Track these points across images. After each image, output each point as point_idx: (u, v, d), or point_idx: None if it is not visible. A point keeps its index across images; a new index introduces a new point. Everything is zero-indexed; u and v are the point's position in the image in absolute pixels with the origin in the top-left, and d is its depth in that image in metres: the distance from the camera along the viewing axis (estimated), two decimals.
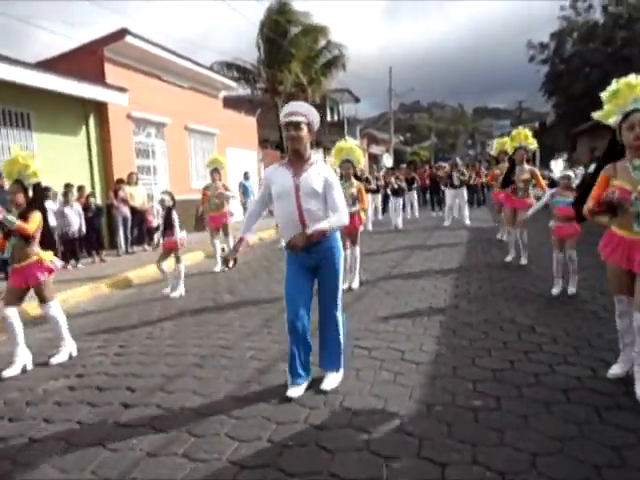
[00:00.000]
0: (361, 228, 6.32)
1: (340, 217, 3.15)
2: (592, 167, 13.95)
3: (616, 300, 3.17)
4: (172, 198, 6.68)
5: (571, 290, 5.33)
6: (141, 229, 10.75)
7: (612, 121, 3.01)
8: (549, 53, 27.07)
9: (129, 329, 4.99)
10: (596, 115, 3.17)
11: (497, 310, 4.90)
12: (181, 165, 13.73)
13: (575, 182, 5.57)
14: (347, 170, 5.98)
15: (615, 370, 3.21)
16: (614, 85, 3.04)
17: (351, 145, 6.06)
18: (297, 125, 3.06)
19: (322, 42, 20.93)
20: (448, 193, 12.78)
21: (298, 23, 20.09)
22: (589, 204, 3.01)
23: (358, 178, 6.26)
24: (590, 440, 2.52)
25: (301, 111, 3.11)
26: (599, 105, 3.18)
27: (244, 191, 14.45)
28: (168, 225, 6.53)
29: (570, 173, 5.48)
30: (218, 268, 7.96)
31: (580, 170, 15.39)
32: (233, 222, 8.92)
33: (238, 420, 2.90)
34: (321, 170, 3.18)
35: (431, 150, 53.63)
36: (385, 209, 16.04)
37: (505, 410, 2.87)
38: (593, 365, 3.45)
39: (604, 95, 3.07)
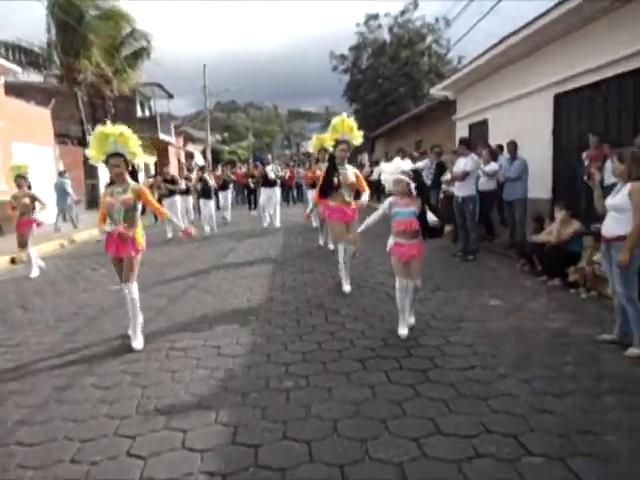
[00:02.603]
0: (139, 257, 4.15)
1: None
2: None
3: None
4: None
5: (410, 321, 4.16)
6: None
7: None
8: (349, 64, 29.97)
9: None
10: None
11: (307, 298, 5.31)
12: None
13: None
14: (117, 169, 3.99)
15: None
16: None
17: (121, 130, 3.98)
18: None
19: (126, 30, 19.44)
20: (262, 192, 12.30)
21: (95, 6, 18.28)
22: None
23: (133, 177, 4.23)
24: (380, 399, 2.95)
25: None
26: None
27: (60, 191, 13.17)
28: None
29: (400, 177, 3.94)
30: (33, 274, 7.36)
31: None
32: (40, 231, 7.93)
33: (32, 447, 2.58)
34: None
35: (249, 150, 54.57)
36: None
37: (313, 386, 3.16)
38: (384, 336, 4.02)
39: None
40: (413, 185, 3.95)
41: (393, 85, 27.18)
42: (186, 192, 12.10)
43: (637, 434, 2.51)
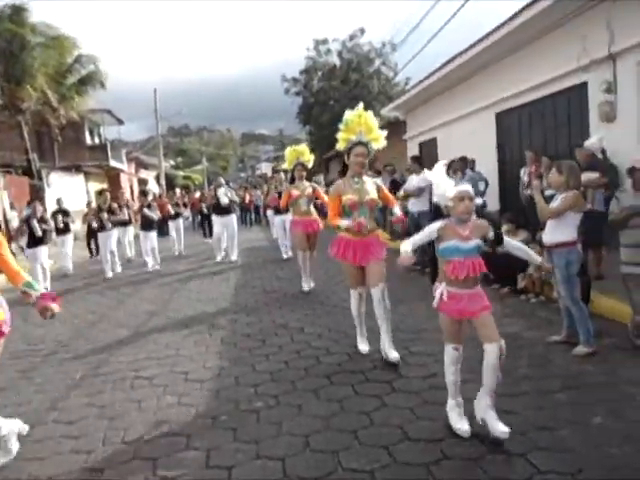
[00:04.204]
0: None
1: None
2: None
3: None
4: None
5: (501, 431, 2.54)
6: None
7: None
8: (300, 87, 30.58)
9: None
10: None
11: (272, 318, 5.34)
12: None
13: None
14: None
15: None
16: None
17: None
18: None
19: (72, 56, 19.07)
20: (216, 221, 10.14)
21: (39, 33, 17.86)
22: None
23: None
24: (349, 412, 3.03)
25: None
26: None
27: None
28: None
29: (467, 188, 2.67)
30: None
31: None
32: None
33: None
34: None
35: (204, 174, 54.12)
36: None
37: (283, 404, 3.20)
38: (349, 351, 4.11)
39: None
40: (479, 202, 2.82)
41: (344, 107, 27.83)
42: (127, 223, 10.75)
43: (587, 427, 2.71)
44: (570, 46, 7.16)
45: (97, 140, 26.98)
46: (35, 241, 8.25)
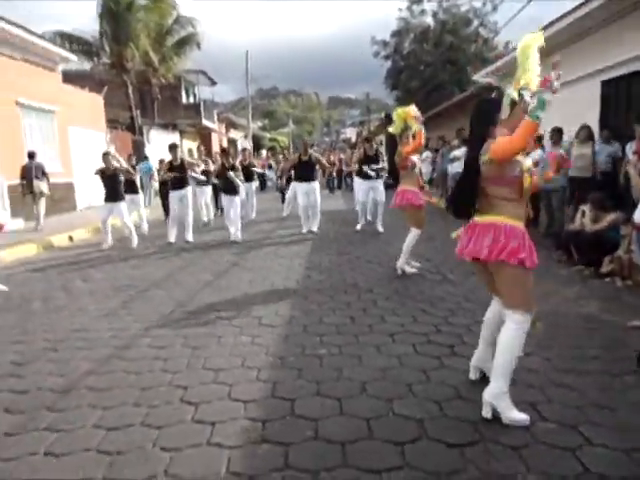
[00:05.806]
0: None
1: None
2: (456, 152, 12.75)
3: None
4: None
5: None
6: None
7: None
8: (390, 50, 29.65)
9: None
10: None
11: (342, 278, 5.57)
12: (13, 145, 12.18)
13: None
14: None
15: None
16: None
17: None
18: None
19: (172, 17, 20.05)
20: (298, 189, 9.03)
21: None
22: None
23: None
24: (407, 367, 3.19)
25: None
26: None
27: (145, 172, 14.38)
28: None
29: None
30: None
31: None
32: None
33: (101, 392, 2.98)
34: None
35: (290, 137, 55.03)
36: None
37: (345, 354, 3.43)
38: (415, 314, 4.23)
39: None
40: None
41: (436, 71, 26.73)
42: (205, 182, 9.89)
43: None
44: None
45: (192, 100, 28.36)
46: (110, 195, 8.00)
